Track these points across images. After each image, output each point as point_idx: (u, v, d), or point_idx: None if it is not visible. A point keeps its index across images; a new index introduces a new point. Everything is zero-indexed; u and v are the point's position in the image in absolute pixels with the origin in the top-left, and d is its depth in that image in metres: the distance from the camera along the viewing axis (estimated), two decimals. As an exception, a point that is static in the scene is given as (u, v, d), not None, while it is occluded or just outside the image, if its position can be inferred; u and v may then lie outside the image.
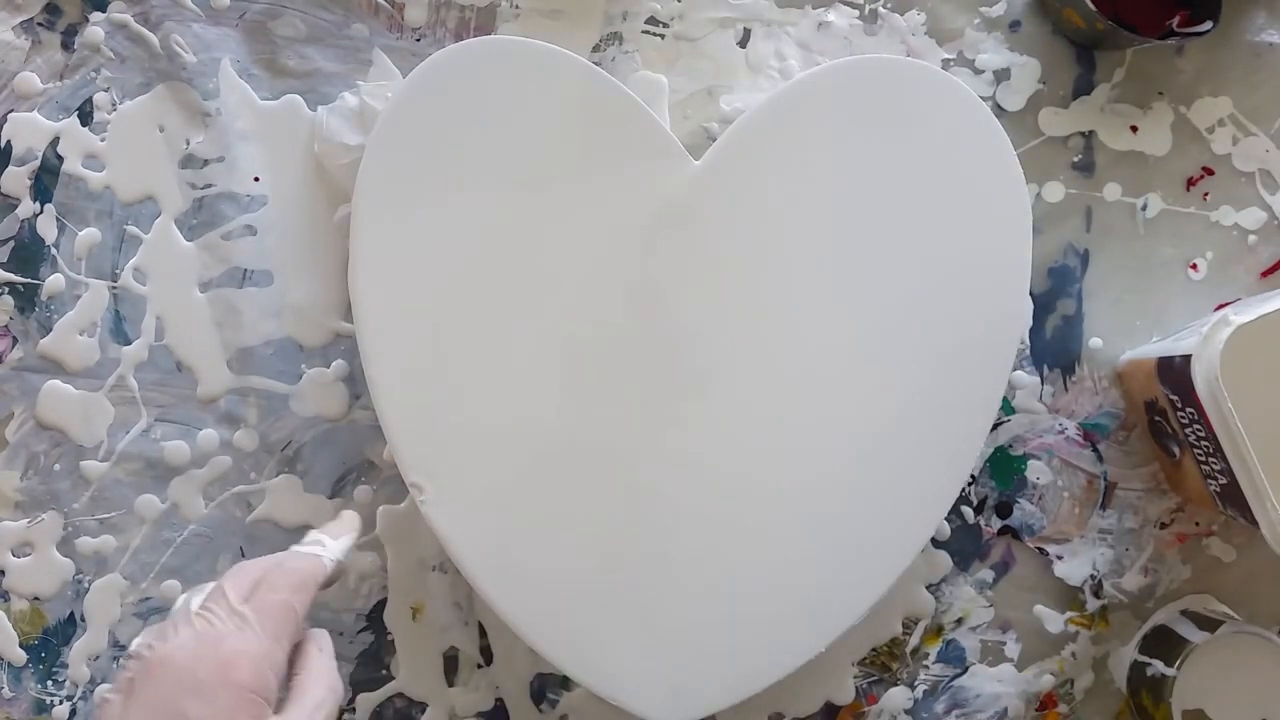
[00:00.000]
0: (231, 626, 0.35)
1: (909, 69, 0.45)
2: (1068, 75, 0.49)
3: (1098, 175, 0.49)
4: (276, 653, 0.35)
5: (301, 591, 0.37)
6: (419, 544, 0.47)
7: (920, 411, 0.43)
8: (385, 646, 0.47)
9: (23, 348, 0.47)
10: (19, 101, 0.48)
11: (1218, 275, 0.48)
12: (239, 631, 0.35)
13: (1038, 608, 0.47)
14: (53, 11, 0.49)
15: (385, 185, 0.43)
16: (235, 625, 0.35)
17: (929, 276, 0.43)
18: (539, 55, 0.43)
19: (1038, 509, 0.48)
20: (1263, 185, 0.49)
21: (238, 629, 0.35)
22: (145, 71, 0.48)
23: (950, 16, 0.49)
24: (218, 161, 0.48)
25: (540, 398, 0.43)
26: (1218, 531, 0.47)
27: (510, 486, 0.42)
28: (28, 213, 0.48)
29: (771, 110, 0.44)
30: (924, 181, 0.44)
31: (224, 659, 0.34)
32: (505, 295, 0.43)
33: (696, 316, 0.43)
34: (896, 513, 0.43)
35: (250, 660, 0.34)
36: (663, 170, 0.43)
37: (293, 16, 0.48)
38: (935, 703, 0.47)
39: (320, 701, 0.36)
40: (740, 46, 0.49)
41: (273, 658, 0.35)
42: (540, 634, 0.42)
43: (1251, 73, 0.49)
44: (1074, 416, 0.48)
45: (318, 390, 0.47)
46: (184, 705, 0.33)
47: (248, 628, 0.35)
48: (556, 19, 0.49)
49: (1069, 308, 0.48)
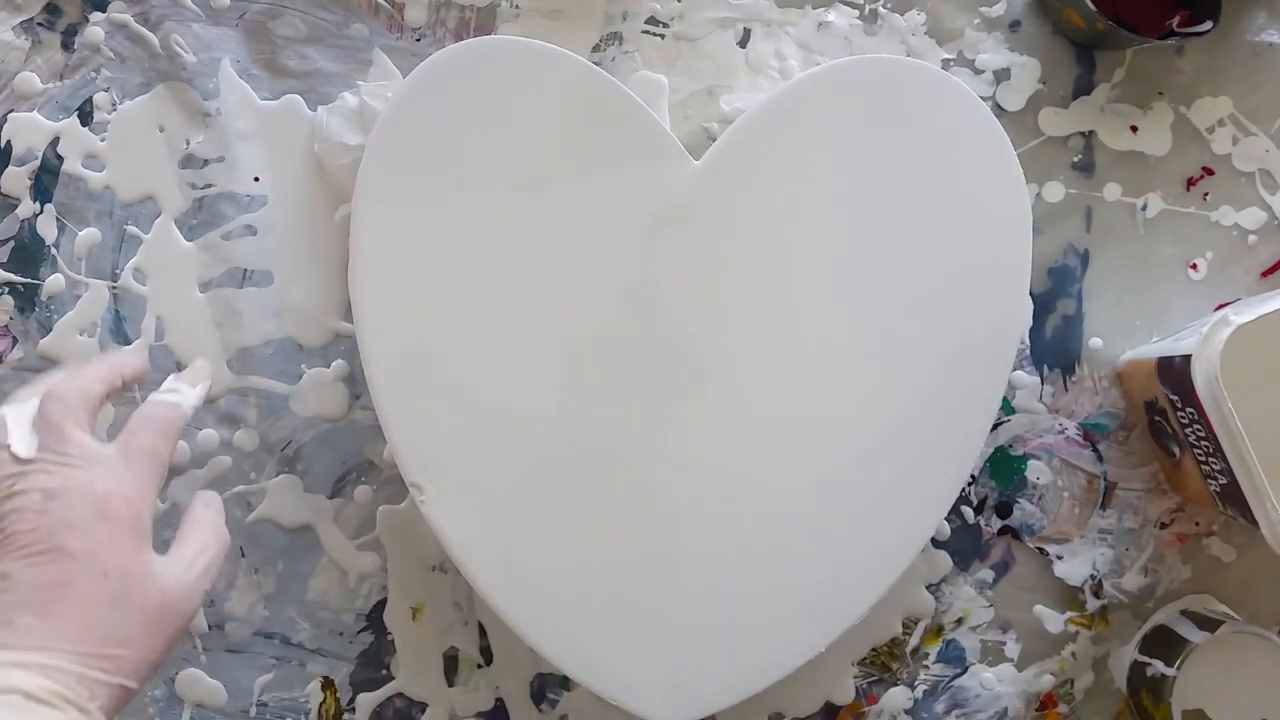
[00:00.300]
0: (98, 469, 0.36)
1: (909, 69, 0.45)
2: (1068, 75, 0.49)
3: (1098, 175, 0.49)
4: (147, 494, 0.37)
5: (165, 437, 0.38)
6: (419, 544, 0.47)
7: (920, 411, 0.43)
8: (385, 646, 0.47)
9: (23, 348, 0.47)
10: (19, 101, 0.48)
11: (1218, 275, 0.48)
12: (108, 473, 0.36)
13: (1038, 608, 0.47)
14: (53, 11, 0.49)
15: (385, 185, 0.43)
16: (102, 468, 0.36)
17: (929, 276, 0.43)
18: (539, 55, 0.43)
19: (1038, 509, 0.48)
20: (1263, 185, 0.49)
21: (106, 471, 0.36)
22: (145, 71, 0.48)
23: (950, 16, 0.49)
24: (218, 161, 0.48)
25: (540, 398, 0.42)
26: (1218, 531, 0.47)
27: (510, 487, 0.42)
28: (28, 213, 0.48)
29: (771, 110, 0.44)
30: (924, 181, 0.43)
31: (98, 497, 0.35)
32: (505, 295, 0.43)
33: (697, 316, 0.43)
34: (896, 513, 0.43)
35: (123, 499, 0.36)
36: (663, 170, 0.43)
37: (293, 16, 0.48)
38: (935, 703, 0.47)
39: (204, 545, 0.38)
40: (740, 46, 0.49)
41: (144, 497, 0.36)
42: (540, 634, 0.42)
43: (1251, 73, 0.49)
44: (1074, 416, 0.48)
45: (318, 390, 0.47)
46: (61, 540, 0.34)
47: (116, 470, 0.36)
48: (556, 19, 0.49)
49: (1069, 308, 0.48)
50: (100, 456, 0.36)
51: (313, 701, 0.47)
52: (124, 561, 0.35)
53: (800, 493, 0.43)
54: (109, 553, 0.35)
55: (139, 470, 0.37)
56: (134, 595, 0.35)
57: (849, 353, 0.43)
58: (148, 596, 0.35)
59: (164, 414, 0.39)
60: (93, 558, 0.34)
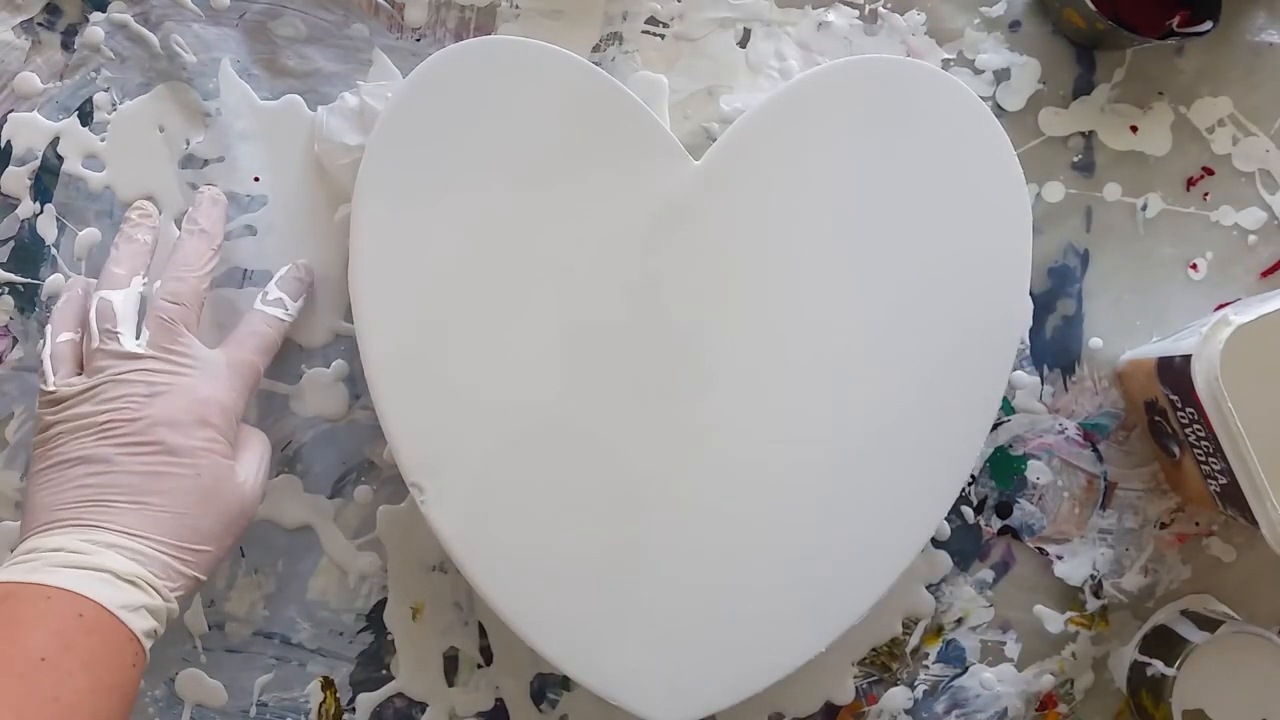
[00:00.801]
0: (203, 374, 0.39)
1: (909, 69, 0.45)
2: (1068, 75, 0.49)
3: (1098, 175, 0.49)
4: (241, 405, 0.41)
5: (266, 353, 0.42)
6: (419, 544, 0.47)
7: (920, 411, 0.43)
8: (385, 646, 0.47)
9: (23, 348, 0.47)
10: (19, 101, 0.48)
11: (1218, 275, 0.48)
12: (213, 380, 0.40)
13: (1038, 608, 0.47)
14: (53, 11, 0.49)
15: (385, 185, 0.43)
16: (207, 374, 0.39)
17: (929, 276, 0.43)
18: (539, 55, 0.43)
19: (1038, 509, 0.48)
20: (1263, 185, 0.49)
21: (211, 378, 0.40)
22: (145, 71, 0.48)
23: (950, 16, 0.49)
24: (218, 161, 0.48)
25: (540, 398, 0.43)
26: (1218, 531, 0.47)
27: (510, 487, 0.42)
28: (28, 213, 0.48)
29: (771, 110, 0.44)
30: (924, 181, 0.43)
31: (200, 401, 0.39)
32: (505, 295, 0.43)
33: (697, 317, 0.43)
34: (897, 512, 0.43)
35: (221, 408, 0.39)
36: (663, 170, 0.43)
37: (293, 16, 0.48)
38: (935, 703, 0.47)
39: (261, 454, 0.42)
40: (740, 46, 0.49)
41: (239, 408, 0.40)
42: (540, 634, 0.42)
43: (1251, 73, 0.49)
44: (1074, 416, 0.48)
45: (317, 390, 0.47)
46: (163, 435, 0.37)
47: (220, 378, 0.40)
48: (556, 19, 0.48)
49: (1069, 308, 0.48)
50: (206, 362, 0.40)
51: (313, 701, 0.47)
52: (215, 465, 0.38)
53: (800, 492, 0.43)
54: (204, 455, 0.38)
55: (238, 381, 0.40)
56: (221, 497, 0.38)
57: (849, 352, 0.43)
58: (230, 500, 0.38)
59: (269, 331, 0.43)
60: (190, 456, 0.38)
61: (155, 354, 0.39)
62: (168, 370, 0.39)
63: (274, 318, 0.43)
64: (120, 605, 0.34)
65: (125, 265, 0.41)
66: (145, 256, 0.42)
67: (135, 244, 0.42)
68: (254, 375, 0.42)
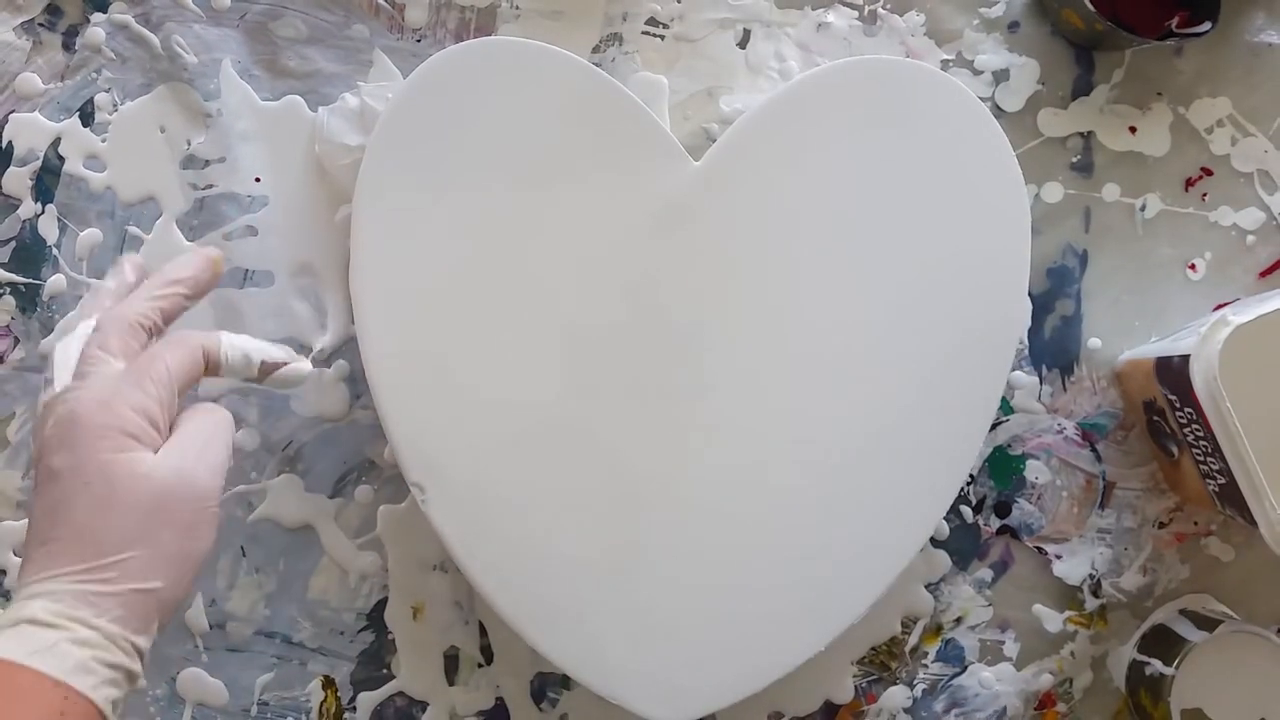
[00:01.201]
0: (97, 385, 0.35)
1: (908, 70, 0.45)
2: (1066, 76, 0.49)
3: (1096, 176, 0.49)
4: (134, 393, 0.35)
5: (176, 347, 0.36)
6: (419, 543, 0.47)
7: (919, 411, 0.43)
8: (386, 646, 0.47)
9: (24, 348, 0.47)
10: (20, 102, 0.48)
11: (1216, 275, 0.48)
12: (95, 385, 0.35)
13: (1036, 607, 0.47)
14: (54, 12, 0.49)
15: (386, 186, 0.43)
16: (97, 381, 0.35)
17: (928, 277, 0.43)
18: (539, 56, 0.43)
19: (1036, 508, 0.48)
20: (1261, 186, 0.49)
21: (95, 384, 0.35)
22: (146, 72, 0.48)
23: (949, 17, 0.49)
24: (219, 162, 0.48)
25: (541, 398, 0.43)
26: (1216, 531, 0.47)
27: (511, 486, 0.42)
28: (29, 213, 0.48)
29: (771, 111, 0.44)
30: (923, 182, 0.44)
31: (77, 411, 0.34)
32: (506, 295, 0.43)
33: (697, 317, 0.43)
34: (896, 512, 0.43)
35: (100, 403, 0.34)
36: (663, 171, 0.43)
37: (293, 17, 0.49)
38: (934, 701, 0.47)
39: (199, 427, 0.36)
40: (740, 47, 0.49)
41: (128, 397, 0.34)
42: (540, 633, 0.42)
43: (1250, 73, 0.49)
44: (1072, 416, 0.48)
45: (319, 390, 0.47)
46: (50, 463, 0.34)
47: (105, 381, 0.35)
48: (557, 20, 0.49)
49: (1068, 308, 0.48)
50: (109, 377, 0.35)
51: (314, 700, 0.47)
52: (103, 465, 0.34)
53: (800, 492, 0.43)
54: (89, 461, 0.34)
55: (132, 374, 0.35)
56: (120, 497, 0.33)
57: (848, 352, 0.43)
58: (136, 494, 0.33)
59: (192, 332, 0.38)
60: (75, 471, 0.33)
61: (69, 384, 0.35)
62: (69, 398, 0.35)
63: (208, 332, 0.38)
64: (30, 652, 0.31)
65: (79, 313, 0.38)
66: (105, 301, 0.38)
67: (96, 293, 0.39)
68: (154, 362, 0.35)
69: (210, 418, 0.37)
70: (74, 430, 0.34)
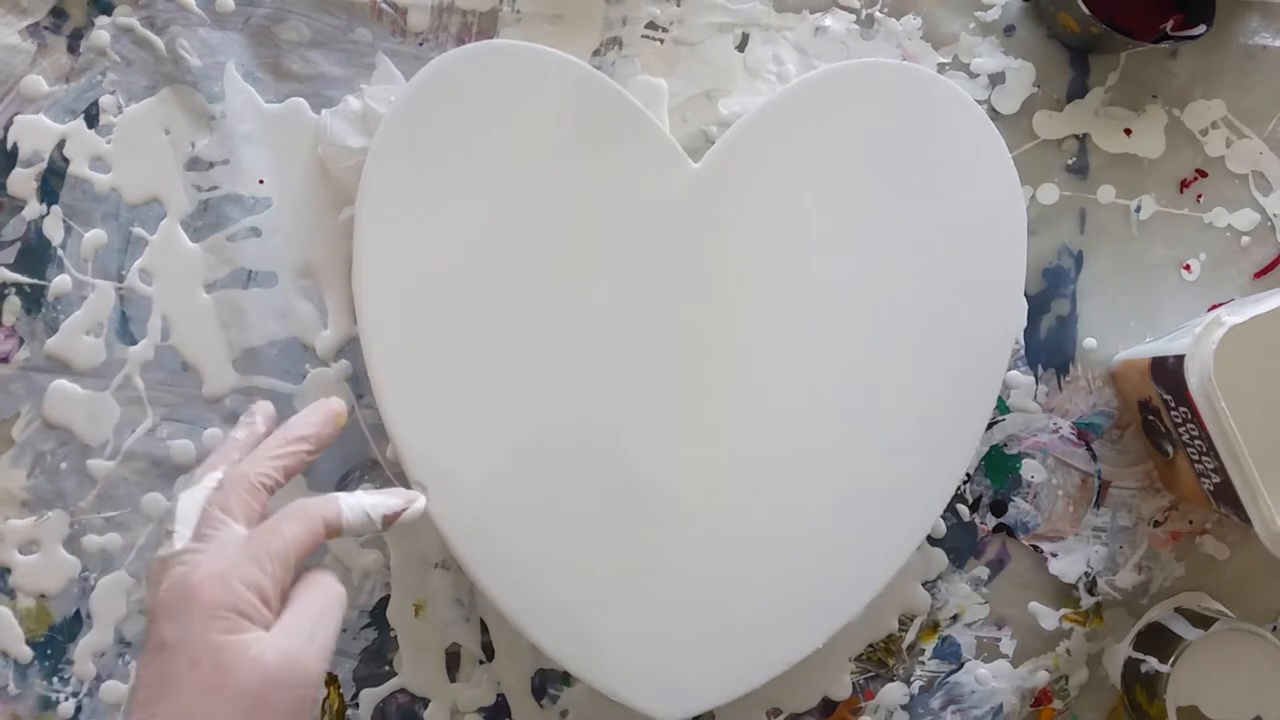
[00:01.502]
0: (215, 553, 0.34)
1: (905, 73, 0.45)
2: (1062, 79, 0.49)
3: (1092, 177, 0.49)
4: (250, 570, 0.34)
5: (297, 520, 0.36)
6: (421, 541, 0.47)
7: (916, 410, 0.43)
8: (388, 643, 0.47)
9: (29, 348, 0.47)
10: (25, 104, 0.48)
11: (1211, 276, 0.48)
12: (213, 556, 0.34)
13: (1033, 605, 0.47)
14: (59, 15, 0.49)
15: (388, 188, 0.43)
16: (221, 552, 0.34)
17: (925, 277, 0.43)
18: (540, 59, 0.44)
19: (1032, 507, 0.48)
20: (1256, 187, 0.49)
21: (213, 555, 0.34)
22: (151, 75, 0.49)
23: (946, 21, 0.49)
24: (223, 164, 0.48)
25: (542, 398, 0.43)
26: (1211, 529, 0.48)
27: (511, 485, 0.42)
28: (34, 214, 0.48)
29: (769, 114, 0.44)
30: (920, 184, 0.44)
31: (192, 583, 0.34)
32: (507, 296, 0.43)
33: (694, 318, 0.43)
34: (893, 510, 0.43)
35: (217, 578, 0.34)
36: (662, 173, 0.44)
37: (297, 21, 0.49)
38: (931, 698, 0.47)
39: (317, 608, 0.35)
40: (738, 51, 0.49)
41: (244, 574, 0.34)
42: (541, 630, 0.42)
43: (1245, 76, 0.49)
44: (1068, 416, 0.48)
45: (322, 390, 0.47)
46: (162, 633, 0.33)
47: (225, 552, 0.35)
48: (557, 23, 0.49)
49: (1063, 308, 0.48)
50: (227, 544, 0.35)
51: (316, 697, 0.47)
52: (213, 646, 0.33)
53: (797, 491, 0.43)
54: (199, 640, 0.33)
55: (251, 548, 0.35)
56: (229, 681, 0.32)
57: (846, 353, 0.43)
58: (244, 679, 0.33)
59: (311, 501, 0.37)
60: (186, 648, 0.33)
61: (190, 546, 0.35)
62: (188, 561, 0.34)
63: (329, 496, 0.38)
64: None
65: (207, 464, 0.38)
66: (233, 454, 0.38)
67: (225, 444, 0.39)
68: (274, 537, 0.35)
69: (324, 595, 0.36)
70: (188, 603, 0.33)
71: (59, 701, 0.46)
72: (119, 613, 0.46)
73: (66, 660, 0.46)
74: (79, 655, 0.46)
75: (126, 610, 0.46)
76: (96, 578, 0.47)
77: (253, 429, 0.39)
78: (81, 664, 0.46)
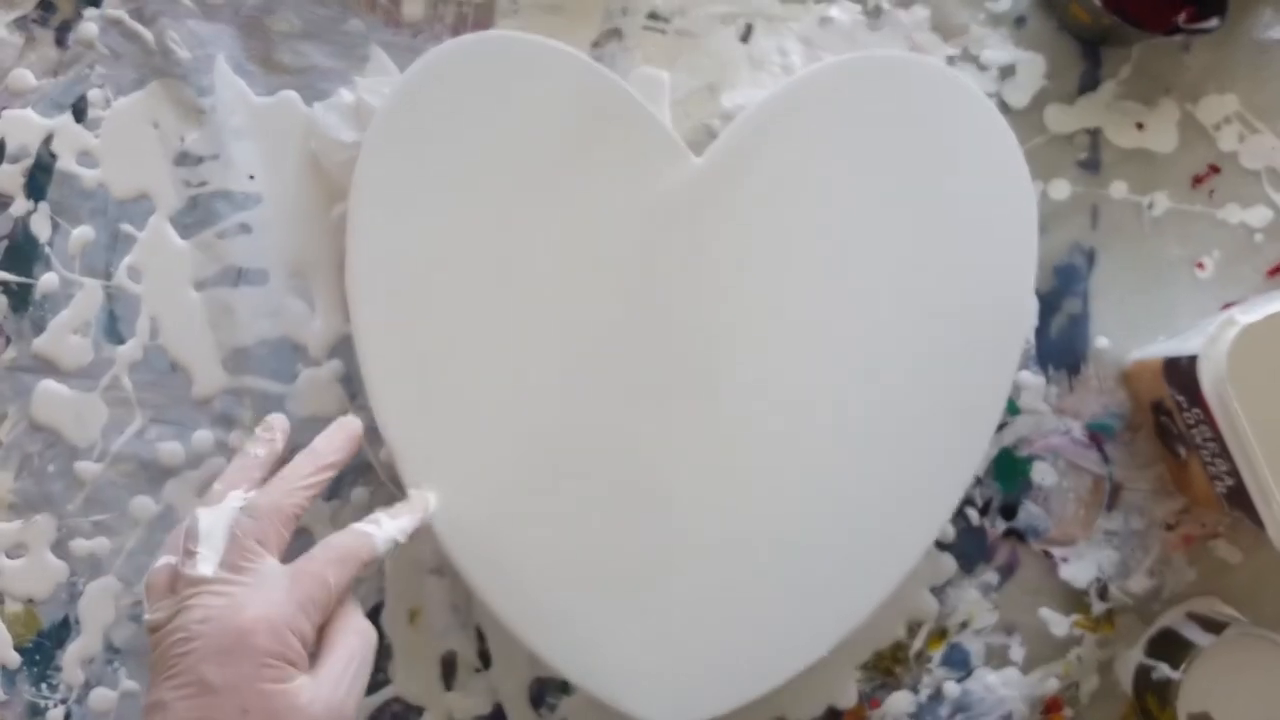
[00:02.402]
0: (257, 594, 0.35)
1: (913, 65, 0.45)
2: (1073, 71, 0.49)
3: (1104, 173, 0.48)
4: (300, 620, 0.35)
5: (339, 565, 0.37)
6: (416, 547, 0.46)
7: (924, 412, 0.43)
8: (383, 650, 0.46)
9: (16, 347, 0.47)
10: (12, 98, 0.48)
11: (1224, 274, 0.48)
12: (265, 598, 0.35)
13: (1043, 611, 0.47)
14: (46, 8, 0.49)
15: (382, 182, 0.43)
16: (262, 593, 0.35)
17: (933, 275, 0.43)
18: (537, 51, 0.43)
19: (1043, 511, 0.47)
20: (1269, 183, 0.49)
21: (264, 596, 0.35)
22: (139, 68, 0.48)
23: (955, 12, 0.49)
24: (212, 159, 0.48)
25: (540, 399, 0.42)
26: (1224, 533, 0.47)
27: (509, 489, 0.42)
28: (21, 211, 0.48)
29: (774, 107, 0.44)
30: (928, 179, 0.43)
31: (244, 627, 0.34)
32: (504, 294, 0.43)
33: (698, 314, 0.43)
34: (900, 515, 0.43)
35: (269, 626, 0.35)
36: (664, 167, 0.43)
37: (288, 12, 0.48)
38: (939, 707, 0.47)
39: (351, 654, 0.36)
40: (742, 42, 0.49)
41: (294, 624, 0.35)
42: (539, 637, 0.42)
43: (1259, 69, 0.49)
44: (1080, 417, 0.48)
45: (314, 391, 0.47)
46: (204, 672, 0.34)
47: (275, 595, 0.35)
48: (555, 14, 0.48)
49: (1075, 307, 0.48)
50: (266, 577, 0.36)
51: (309, 705, 0.46)
52: (265, 695, 0.34)
53: (803, 494, 0.43)
54: (250, 687, 0.34)
55: (299, 595, 0.36)
56: None
57: (852, 351, 0.43)
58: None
59: (347, 541, 0.38)
60: (234, 692, 0.33)
61: (223, 575, 0.35)
62: (226, 592, 0.35)
63: (360, 531, 0.38)
64: None
65: (227, 481, 0.38)
66: (254, 471, 0.39)
67: (245, 459, 0.39)
68: (322, 586, 0.36)
69: (361, 642, 0.37)
70: (240, 647, 0.34)
71: (48, 709, 0.46)
72: (108, 618, 0.46)
73: (55, 667, 0.46)
74: (67, 662, 0.46)
75: (115, 615, 0.46)
76: (85, 583, 0.46)
77: (273, 446, 0.40)
78: (70, 670, 0.46)
